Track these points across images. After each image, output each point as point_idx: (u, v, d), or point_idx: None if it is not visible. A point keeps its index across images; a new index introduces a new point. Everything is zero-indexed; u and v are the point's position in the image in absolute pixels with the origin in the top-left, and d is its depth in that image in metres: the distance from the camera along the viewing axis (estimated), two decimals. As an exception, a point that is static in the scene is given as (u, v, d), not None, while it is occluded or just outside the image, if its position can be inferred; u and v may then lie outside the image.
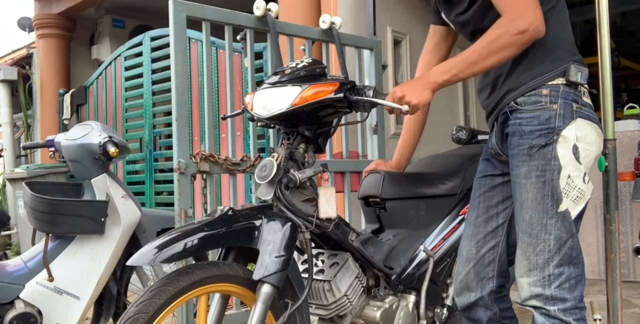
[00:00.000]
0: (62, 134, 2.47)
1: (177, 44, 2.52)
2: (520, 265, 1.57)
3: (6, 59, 7.75)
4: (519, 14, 1.49)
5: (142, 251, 1.41)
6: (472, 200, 1.80)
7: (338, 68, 3.04)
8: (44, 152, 6.27)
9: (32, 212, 2.31)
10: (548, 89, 1.57)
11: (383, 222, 2.11)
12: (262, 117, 1.62)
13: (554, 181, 1.53)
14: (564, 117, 1.54)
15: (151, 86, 5.14)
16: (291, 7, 3.98)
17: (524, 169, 1.56)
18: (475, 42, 1.54)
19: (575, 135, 1.54)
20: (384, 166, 2.10)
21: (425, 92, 1.53)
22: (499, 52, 1.51)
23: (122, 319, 1.34)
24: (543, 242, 1.53)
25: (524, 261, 1.55)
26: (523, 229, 1.56)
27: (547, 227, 1.52)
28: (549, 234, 1.52)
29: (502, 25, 1.51)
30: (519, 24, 1.49)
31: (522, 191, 1.57)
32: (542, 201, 1.53)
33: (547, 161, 1.53)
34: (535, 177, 1.54)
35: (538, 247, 1.53)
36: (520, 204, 1.58)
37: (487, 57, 1.52)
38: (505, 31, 1.49)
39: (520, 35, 1.49)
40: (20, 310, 2.21)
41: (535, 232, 1.54)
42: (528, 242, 1.55)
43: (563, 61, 1.60)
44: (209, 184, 2.66)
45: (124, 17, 7.02)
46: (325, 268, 1.76)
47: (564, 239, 1.53)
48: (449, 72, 1.54)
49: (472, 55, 1.52)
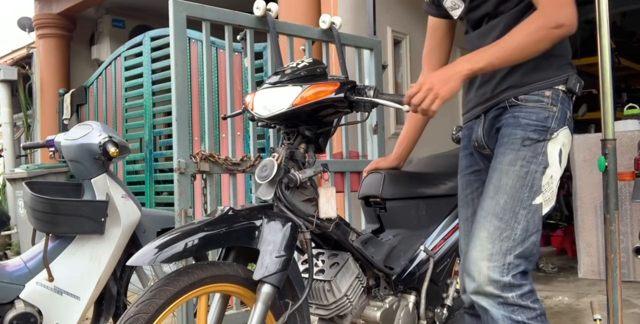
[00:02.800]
0: (62, 134, 2.47)
1: (177, 44, 2.52)
2: (483, 248, 1.52)
3: (6, 59, 7.75)
4: (559, 7, 1.48)
5: (142, 251, 1.41)
6: (463, 197, 1.79)
7: (338, 68, 3.04)
8: (44, 152, 6.26)
9: (32, 212, 2.31)
10: (550, 92, 1.59)
11: (383, 222, 2.11)
12: (263, 117, 1.62)
13: (537, 173, 1.54)
14: (559, 121, 1.57)
15: (151, 86, 5.14)
16: (291, 7, 3.98)
17: (511, 156, 1.56)
18: (512, 31, 1.50)
19: (563, 140, 1.58)
20: (384, 163, 2.09)
21: (454, 83, 1.46)
22: (536, 44, 1.49)
23: (122, 319, 1.34)
24: (511, 229, 1.51)
25: (488, 244, 1.52)
26: (495, 212, 1.53)
27: (517, 216, 1.51)
28: (517, 224, 1.51)
29: (542, 17, 1.48)
30: (558, 17, 1.47)
31: (502, 175, 1.55)
32: (520, 189, 1.53)
33: (536, 154, 1.54)
34: (520, 166, 1.54)
35: (505, 233, 1.51)
36: (496, 188, 1.56)
37: (526, 48, 1.49)
38: (545, 23, 1.47)
39: (557, 29, 1.47)
40: (20, 310, 2.21)
41: (506, 218, 1.52)
42: (497, 226, 1.52)
43: (566, 71, 1.62)
44: (209, 184, 2.66)
45: (124, 17, 7.02)
46: (326, 268, 1.76)
47: (530, 232, 1.52)
48: (486, 59, 1.48)
49: (511, 44, 1.48)
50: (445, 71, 1.48)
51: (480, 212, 1.58)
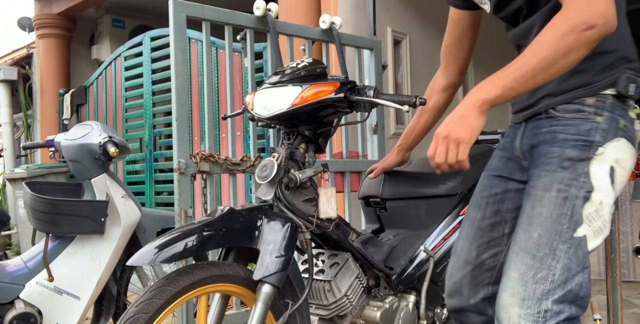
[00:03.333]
0: (62, 134, 2.47)
1: (177, 44, 2.52)
2: (513, 291, 1.29)
3: (6, 59, 7.75)
4: (587, 3, 1.21)
5: (142, 251, 1.41)
6: (479, 198, 1.60)
7: (338, 68, 3.04)
8: (44, 152, 6.27)
9: (32, 212, 2.31)
10: (594, 99, 1.33)
11: (383, 222, 2.11)
12: (263, 117, 1.62)
13: (578, 199, 1.28)
14: (606, 133, 1.31)
15: (151, 86, 5.14)
16: (291, 7, 3.98)
17: (545, 179, 1.32)
18: (533, 43, 1.24)
19: (614, 156, 1.31)
20: (388, 162, 2.05)
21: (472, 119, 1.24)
22: (567, 55, 1.21)
23: (122, 319, 1.33)
24: (547, 269, 1.26)
25: (519, 286, 1.28)
26: (526, 248, 1.30)
27: (556, 252, 1.27)
28: (556, 262, 1.26)
29: (567, 18, 1.21)
30: (588, 16, 1.19)
31: (536, 203, 1.32)
32: (557, 220, 1.28)
33: (575, 175, 1.29)
34: (557, 190, 1.29)
35: (540, 273, 1.26)
36: (529, 218, 1.32)
37: (553, 62, 1.21)
38: (572, 27, 1.19)
39: (591, 30, 1.19)
40: (20, 310, 2.21)
41: (540, 256, 1.27)
42: (530, 265, 1.28)
43: (615, 69, 1.34)
44: (209, 184, 2.66)
45: (124, 17, 7.02)
46: (326, 268, 1.76)
47: (574, 271, 1.26)
48: (502, 85, 1.24)
49: (532, 61, 1.22)
50: (456, 111, 1.28)
51: (512, 247, 1.35)
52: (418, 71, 4.62)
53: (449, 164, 1.29)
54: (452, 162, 1.27)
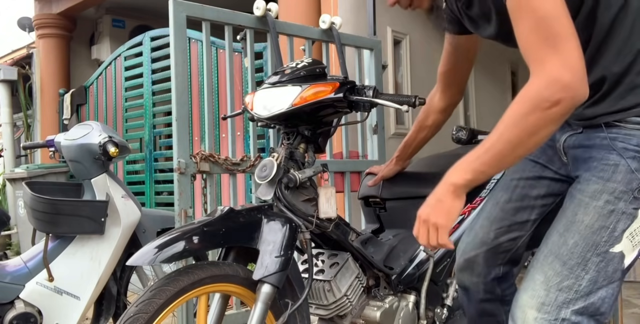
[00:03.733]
0: (62, 134, 2.47)
1: (177, 44, 2.52)
2: (535, 293, 1.28)
3: (6, 59, 7.75)
4: (550, 75, 1.13)
5: (142, 251, 1.41)
6: (509, 180, 1.56)
7: (338, 68, 3.04)
8: (44, 152, 6.27)
9: (32, 212, 2.31)
10: None
11: (383, 222, 2.11)
12: (262, 117, 1.62)
13: (624, 215, 1.23)
14: None
15: (151, 86, 5.14)
16: (291, 7, 3.98)
17: (595, 186, 1.26)
18: (500, 121, 1.21)
19: None
20: (387, 171, 2.06)
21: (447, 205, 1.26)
22: (534, 135, 1.17)
23: (122, 319, 1.34)
24: (575, 278, 1.24)
25: (542, 290, 1.27)
26: (558, 253, 1.27)
27: (587, 264, 1.24)
28: (585, 273, 1.24)
29: (529, 95, 1.15)
30: (551, 91, 1.12)
31: (579, 209, 1.27)
32: (598, 231, 1.24)
33: (629, 189, 1.23)
34: (605, 201, 1.24)
35: (566, 282, 1.24)
36: (569, 223, 1.28)
37: (521, 143, 1.18)
38: (534, 105, 1.14)
39: (556, 107, 1.13)
40: (20, 310, 2.21)
41: (571, 264, 1.25)
42: (558, 271, 1.26)
43: None
44: (209, 184, 2.66)
45: (124, 17, 7.02)
46: (325, 268, 1.76)
47: (599, 285, 1.24)
48: (472, 168, 1.24)
49: (498, 144, 1.20)
50: (433, 195, 1.29)
51: (542, 248, 1.31)
52: (418, 71, 4.63)
53: (433, 247, 1.33)
54: (434, 244, 1.31)
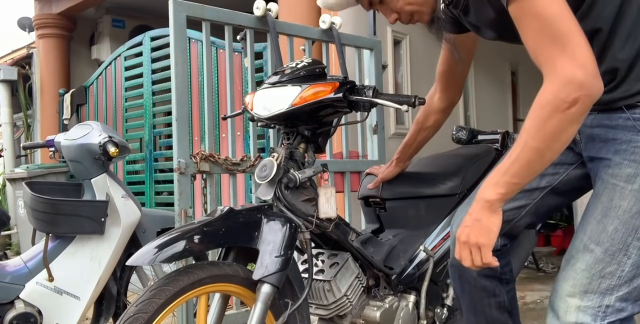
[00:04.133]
0: (62, 134, 2.47)
1: (177, 44, 2.52)
2: (576, 282, 1.25)
3: (6, 59, 7.75)
4: (563, 76, 1.14)
5: (142, 251, 1.41)
6: None
7: (338, 68, 3.04)
8: (44, 152, 6.26)
9: (32, 212, 2.31)
10: None
11: (383, 222, 2.11)
12: (262, 117, 1.62)
13: None
14: None
15: (151, 86, 5.14)
16: (291, 7, 3.98)
17: (629, 170, 1.24)
18: (522, 130, 1.20)
19: None
20: (388, 173, 2.05)
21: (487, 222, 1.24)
22: (558, 138, 1.17)
23: (122, 319, 1.34)
24: (617, 264, 1.23)
25: (584, 279, 1.24)
26: (599, 240, 1.25)
27: (629, 248, 1.22)
28: (627, 258, 1.22)
29: (546, 99, 1.16)
30: (567, 92, 1.13)
31: (615, 195, 1.25)
32: (637, 215, 1.23)
33: None
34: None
35: (608, 268, 1.23)
36: (606, 209, 1.26)
37: (547, 149, 1.18)
38: (553, 108, 1.14)
39: (575, 106, 1.13)
40: (20, 310, 2.21)
41: (613, 250, 1.23)
42: (600, 258, 1.24)
43: None
44: (209, 184, 2.66)
45: (124, 17, 7.02)
46: (325, 268, 1.76)
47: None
48: (505, 182, 1.22)
49: (525, 153, 1.19)
50: (468, 216, 1.28)
51: (580, 235, 1.30)
52: (418, 71, 4.62)
53: (477, 267, 1.29)
54: (478, 265, 1.28)
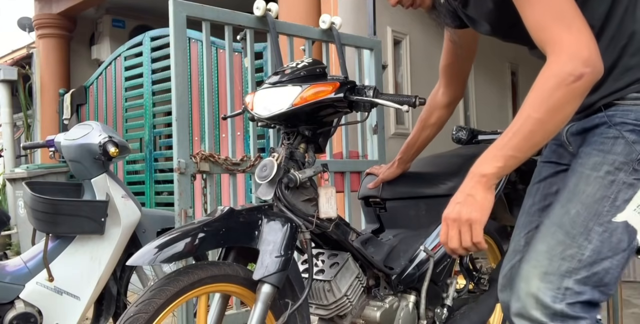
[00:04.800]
0: (62, 134, 2.47)
1: (177, 44, 2.52)
2: (537, 263, 1.26)
3: (6, 59, 7.76)
4: (569, 51, 1.16)
5: (142, 251, 1.41)
6: (531, 186, 1.55)
7: (338, 68, 3.04)
8: (44, 152, 6.27)
9: (32, 212, 2.31)
10: None
11: (383, 222, 2.11)
12: (263, 117, 1.62)
13: (625, 185, 1.23)
14: None
15: (151, 86, 5.14)
16: (291, 7, 3.98)
17: (596, 159, 1.27)
18: (524, 104, 1.20)
19: None
20: (389, 174, 2.04)
21: (480, 197, 1.23)
22: (561, 111, 1.18)
23: (122, 319, 1.34)
24: (577, 248, 1.23)
25: (545, 260, 1.25)
26: (560, 223, 1.26)
27: (590, 233, 1.23)
28: (588, 242, 1.23)
29: (552, 72, 1.18)
30: (574, 66, 1.15)
31: (581, 181, 1.27)
32: (599, 201, 1.23)
33: (629, 160, 1.24)
34: (605, 172, 1.24)
35: (569, 251, 1.23)
36: (570, 194, 1.28)
37: (549, 121, 1.18)
38: (559, 81, 1.16)
39: (579, 81, 1.16)
40: (20, 310, 2.21)
41: (574, 233, 1.24)
42: (560, 240, 1.25)
43: None
44: (209, 184, 2.66)
45: (124, 17, 7.03)
46: (326, 268, 1.76)
47: (603, 255, 1.23)
48: (501, 155, 1.21)
49: (527, 125, 1.19)
50: (461, 190, 1.27)
51: (545, 221, 1.31)
52: (418, 71, 4.63)
53: (465, 248, 1.25)
54: (467, 245, 1.25)
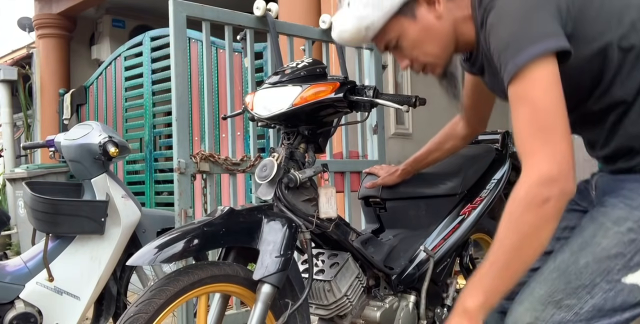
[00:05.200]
0: (62, 134, 2.47)
1: (177, 44, 2.52)
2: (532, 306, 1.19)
3: (6, 59, 7.75)
4: (539, 170, 1.08)
5: (142, 251, 1.41)
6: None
7: (338, 68, 3.04)
8: (44, 152, 6.26)
9: (32, 212, 2.31)
10: None
11: (383, 222, 2.11)
12: (263, 117, 1.62)
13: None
14: None
15: (151, 85, 5.14)
16: (291, 7, 3.98)
17: (620, 213, 1.19)
18: (498, 229, 1.13)
19: None
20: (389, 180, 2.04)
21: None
22: (534, 236, 1.09)
23: (122, 319, 1.34)
24: (577, 299, 1.16)
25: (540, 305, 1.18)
26: (566, 271, 1.19)
27: (594, 288, 1.15)
28: (590, 297, 1.15)
29: (519, 196, 1.10)
30: (538, 189, 1.07)
31: (599, 232, 1.19)
32: (613, 257, 1.16)
33: None
34: (628, 229, 1.16)
35: (567, 301, 1.16)
36: (585, 243, 1.20)
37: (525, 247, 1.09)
38: (527, 204, 1.08)
39: (547, 204, 1.07)
40: (20, 310, 2.21)
41: (577, 284, 1.16)
42: (561, 288, 1.17)
43: None
44: (209, 184, 2.66)
45: (124, 17, 7.02)
46: (326, 268, 1.76)
47: (603, 313, 1.15)
48: (483, 289, 1.12)
49: (502, 254, 1.11)
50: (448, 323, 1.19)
51: (549, 263, 1.23)
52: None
53: None
54: None
